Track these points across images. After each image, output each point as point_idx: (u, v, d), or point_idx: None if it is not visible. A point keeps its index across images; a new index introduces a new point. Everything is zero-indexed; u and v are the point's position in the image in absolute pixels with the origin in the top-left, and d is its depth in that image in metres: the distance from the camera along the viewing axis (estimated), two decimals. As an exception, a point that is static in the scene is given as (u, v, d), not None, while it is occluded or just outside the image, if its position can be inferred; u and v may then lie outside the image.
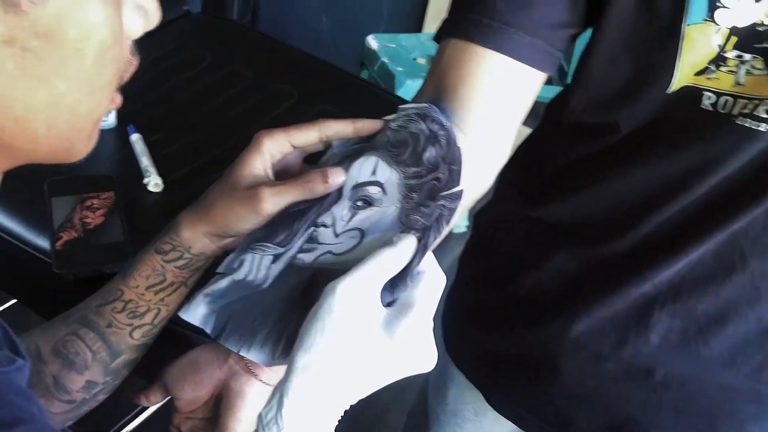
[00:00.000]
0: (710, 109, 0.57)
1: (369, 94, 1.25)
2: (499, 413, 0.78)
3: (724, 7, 0.54)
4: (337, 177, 0.57)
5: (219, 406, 0.64)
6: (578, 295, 0.67)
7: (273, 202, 0.55)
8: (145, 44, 0.41)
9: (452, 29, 0.60)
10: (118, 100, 0.40)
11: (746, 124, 0.56)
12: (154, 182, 0.93)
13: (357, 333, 0.48)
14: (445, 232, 0.56)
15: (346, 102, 1.15)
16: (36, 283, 0.88)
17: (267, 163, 0.57)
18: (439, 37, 0.62)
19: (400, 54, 2.15)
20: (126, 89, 0.40)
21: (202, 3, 1.75)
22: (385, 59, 2.12)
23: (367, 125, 0.59)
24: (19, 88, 0.33)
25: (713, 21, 0.54)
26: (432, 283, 0.54)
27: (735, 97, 0.56)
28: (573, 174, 0.67)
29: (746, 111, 0.56)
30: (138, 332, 0.59)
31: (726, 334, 0.63)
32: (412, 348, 0.50)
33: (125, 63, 0.38)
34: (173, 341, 0.81)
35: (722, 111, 0.57)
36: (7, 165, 0.37)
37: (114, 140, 1.01)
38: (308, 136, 0.58)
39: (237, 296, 0.58)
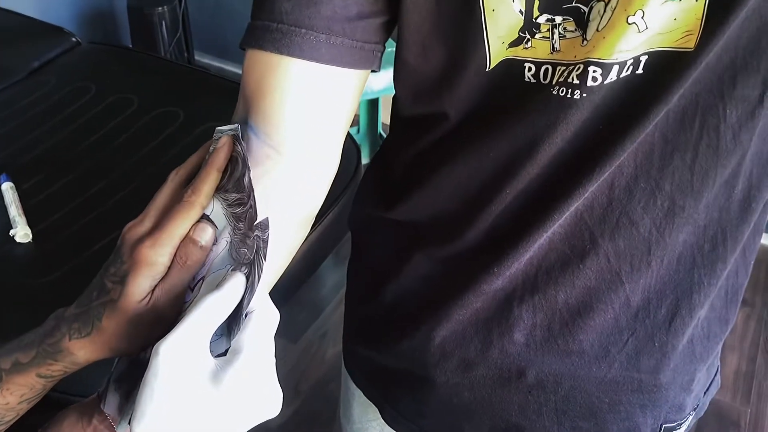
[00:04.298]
0: (533, 81, 0.52)
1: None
2: (396, 430, 0.72)
3: None
4: (204, 234, 0.52)
5: None
6: (438, 299, 0.61)
7: (173, 304, 0.51)
8: (26, 86, 0.35)
9: (245, 37, 0.54)
10: None
11: (561, 93, 0.50)
12: (21, 233, 0.88)
13: (185, 392, 0.45)
14: (266, 267, 0.51)
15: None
16: None
17: (158, 276, 0.50)
18: (241, 46, 0.56)
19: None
20: (2, 136, 0.34)
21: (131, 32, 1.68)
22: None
23: (220, 159, 0.53)
24: None
25: None
26: (262, 322, 0.49)
27: (554, 64, 0.51)
28: (417, 169, 0.62)
29: (561, 79, 0.50)
30: None
31: (593, 324, 0.58)
32: (245, 396, 0.46)
33: None
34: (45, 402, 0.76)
35: (544, 81, 0.52)
36: None
37: (-13, 192, 0.97)
38: (187, 222, 0.51)
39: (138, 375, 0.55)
